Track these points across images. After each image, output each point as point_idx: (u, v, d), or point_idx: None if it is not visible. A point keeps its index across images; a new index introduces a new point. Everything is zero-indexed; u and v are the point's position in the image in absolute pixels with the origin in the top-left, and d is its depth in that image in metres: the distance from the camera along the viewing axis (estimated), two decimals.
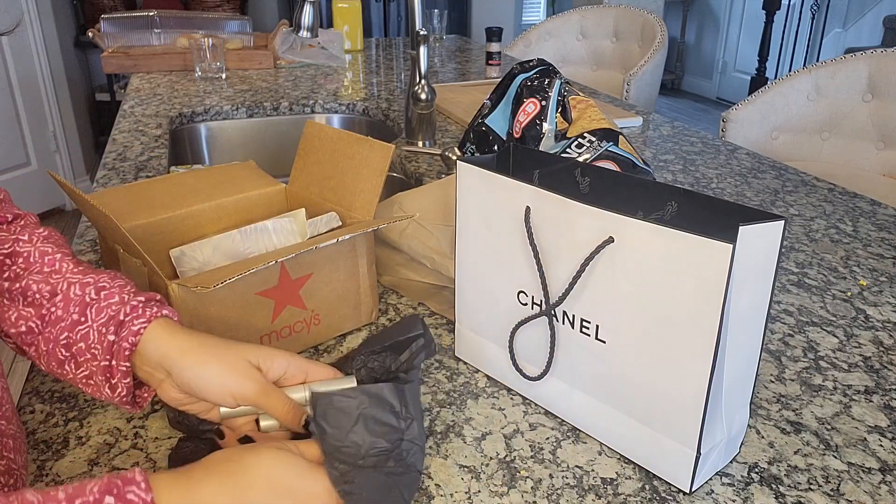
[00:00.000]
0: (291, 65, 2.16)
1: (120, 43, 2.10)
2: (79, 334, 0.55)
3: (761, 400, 0.68)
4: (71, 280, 0.57)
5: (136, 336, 0.54)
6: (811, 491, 0.57)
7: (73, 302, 0.56)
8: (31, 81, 3.32)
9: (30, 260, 0.58)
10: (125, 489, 0.40)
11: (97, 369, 0.54)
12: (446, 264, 0.77)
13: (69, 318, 0.55)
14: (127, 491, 0.40)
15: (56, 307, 0.56)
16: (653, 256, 0.53)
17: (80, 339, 0.55)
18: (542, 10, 6.27)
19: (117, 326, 0.54)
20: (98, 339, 0.54)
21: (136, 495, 0.40)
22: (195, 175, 0.86)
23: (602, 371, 0.59)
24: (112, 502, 0.39)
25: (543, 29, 2.56)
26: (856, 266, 0.95)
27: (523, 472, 0.59)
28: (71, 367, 0.55)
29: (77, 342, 0.55)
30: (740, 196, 1.19)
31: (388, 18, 4.13)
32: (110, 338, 0.54)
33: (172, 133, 1.58)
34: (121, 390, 0.54)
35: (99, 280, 0.57)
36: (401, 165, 1.34)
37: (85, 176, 3.72)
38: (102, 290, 0.56)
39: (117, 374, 0.54)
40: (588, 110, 1.01)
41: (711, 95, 5.83)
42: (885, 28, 4.52)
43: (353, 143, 0.77)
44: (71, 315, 0.55)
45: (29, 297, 0.57)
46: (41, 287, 0.57)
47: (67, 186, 0.64)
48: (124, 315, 0.54)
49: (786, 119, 1.77)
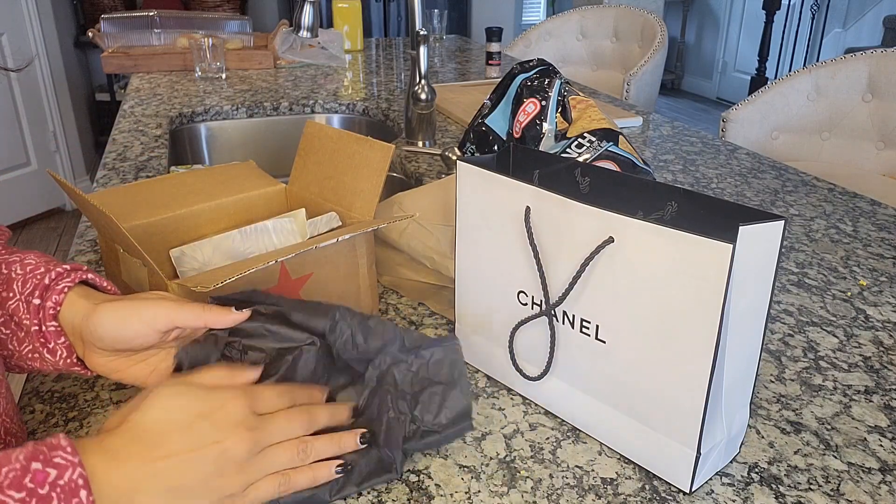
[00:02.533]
0: (291, 65, 2.16)
1: (120, 43, 2.10)
2: (10, 309, 0.56)
3: (761, 400, 0.68)
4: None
5: (60, 295, 0.54)
6: (811, 491, 0.57)
7: (1, 280, 0.57)
8: (31, 81, 3.32)
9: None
10: (51, 454, 0.40)
11: (32, 337, 0.55)
12: (446, 264, 0.77)
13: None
14: (53, 456, 0.40)
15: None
16: (653, 256, 0.53)
17: (12, 314, 0.56)
18: (542, 10, 6.27)
19: (42, 290, 0.55)
20: (26, 307, 0.55)
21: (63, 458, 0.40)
22: (195, 175, 0.86)
23: (602, 371, 0.59)
24: (39, 467, 0.39)
25: (543, 29, 2.56)
26: (856, 266, 0.95)
27: (523, 472, 0.59)
28: (15, 346, 0.56)
29: (11, 317, 0.56)
30: (740, 196, 1.19)
31: (388, 18, 4.13)
32: (35, 302, 0.54)
33: (172, 133, 1.58)
34: (60, 353, 0.55)
35: (25, 258, 0.58)
36: (401, 165, 1.34)
37: (85, 176, 3.72)
38: (28, 265, 0.57)
39: (50, 337, 0.54)
40: (588, 110, 1.01)
41: (711, 95, 5.84)
42: (885, 28, 4.53)
43: (353, 143, 0.77)
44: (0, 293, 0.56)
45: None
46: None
47: (67, 186, 0.64)
48: (49, 280, 0.55)
49: (786, 119, 1.77)
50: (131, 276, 0.69)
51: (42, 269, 0.56)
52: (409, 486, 0.57)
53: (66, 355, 0.55)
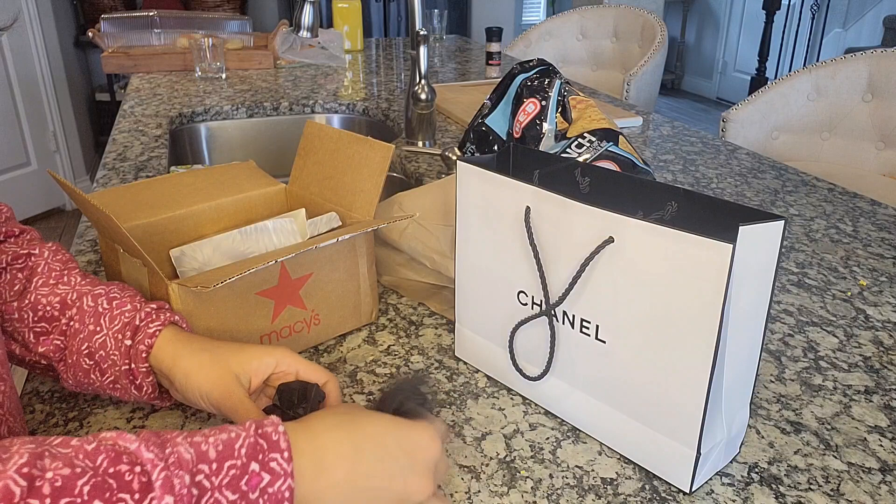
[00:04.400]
0: (291, 65, 2.16)
1: (120, 43, 2.10)
2: (97, 343, 0.58)
3: (761, 400, 0.68)
4: (81, 291, 0.61)
5: (152, 338, 0.57)
6: (811, 491, 0.57)
7: (87, 313, 0.59)
8: (31, 81, 3.32)
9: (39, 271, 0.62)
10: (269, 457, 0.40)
11: (120, 374, 0.58)
12: (446, 264, 0.77)
13: (86, 329, 0.59)
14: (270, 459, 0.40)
15: (73, 320, 0.59)
16: (653, 256, 0.53)
17: (99, 348, 0.59)
18: (542, 10, 6.27)
19: (133, 331, 0.58)
20: (115, 345, 0.58)
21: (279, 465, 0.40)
22: (195, 175, 0.86)
23: (602, 371, 0.59)
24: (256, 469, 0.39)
25: (543, 29, 2.56)
26: (856, 266, 0.95)
27: (523, 472, 0.59)
28: (97, 375, 0.59)
29: (97, 350, 0.58)
30: (740, 196, 1.19)
31: (388, 18, 4.13)
32: (127, 342, 0.58)
33: (172, 133, 1.58)
34: (147, 389, 0.58)
35: (109, 291, 0.61)
36: (401, 165, 1.34)
37: (85, 176, 3.72)
38: (114, 299, 0.60)
39: (139, 375, 0.58)
40: (588, 110, 1.01)
41: (711, 95, 5.84)
42: (885, 28, 4.53)
43: (353, 143, 0.77)
44: (87, 326, 0.59)
45: (40, 311, 0.60)
46: (50, 300, 0.60)
47: (67, 186, 0.64)
48: (139, 320, 0.58)
49: (786, 119, 1.77)
50: (131, 276, 0.69)
51: (128, 305, 0.59)
52: None
53: (150, 391, 0.59)
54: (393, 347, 0.76)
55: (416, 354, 0.74)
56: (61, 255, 0.64)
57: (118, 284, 0.62)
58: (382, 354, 0.74)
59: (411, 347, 0.76)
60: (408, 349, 0.75)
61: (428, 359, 0.74)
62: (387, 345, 0.76)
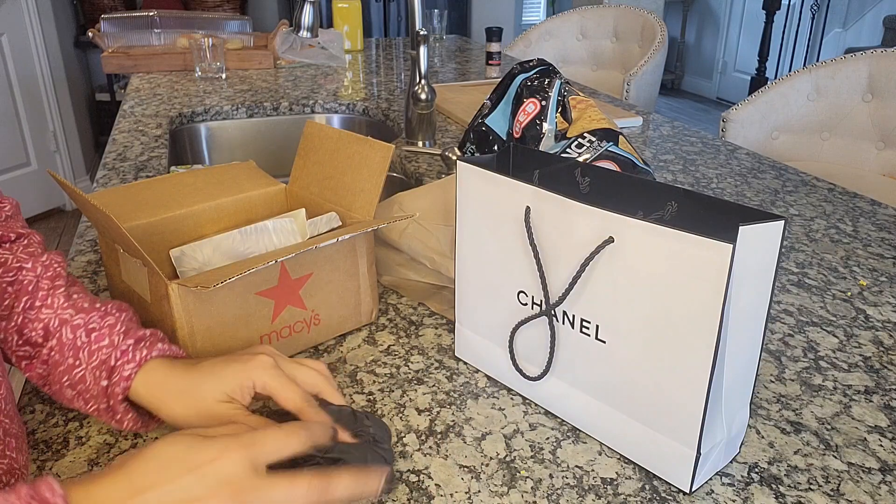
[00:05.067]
0: (291, 65, 2.16)
1: (120, 43, 2.10)
2: (77, 377, 0.58)
3: (761, 400, 0.68)
4: (62, 318, 0.59)
5: (128, 381, 0.56)
6: (811, 491, 0.57)
7: (66, 346, 0.58)
8: (31, 81, 3.32)
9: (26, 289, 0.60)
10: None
11: (100, 410, 0.58)
12: (446, 264, 0.77)
13: (65, 362, 0.58)
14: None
15: (53, 350, 0.58)
16: (653, 256, 0.53)
17: (78, 381, 0.58)
18: (542, 10, 6.27)
19: (109, 372, 0.57)
20: (93, 382, 0.57)
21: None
22: (195, 175, 0.86)
23: (602, 371, 0.59)
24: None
25: (543, 29, 2.56)
26: (856, 266, 0.95)
27: (523, 472, 0.59)
28: (80, 404, 0.58)
29: (77, 383, 0.58)
30: (740, 196, 1.19)
31: (388, 18, 4.13)
32: (103, 383, 0.56)
33: (172, 133, 1.58)
34: (128, 423, 0.58)
35: (89, 321, 0.59)
36: (401, 165, 1.34)
37: (85, 176, 3.72)
38: (92, 332, 0.58)
39: (119, 411, 0.57)
40: (588, 110, 1.01)
41: (711, 95, 5.84)
42: (885, 28, 4.53)
43: (353, 143, 0.77)
44: (66, 359, 0.58)
45: (24, 335, 0.59)
46: (35, 325, 0.59)
47: (67, 186, 0.64)
48: (115, 360, 0.57)
49: (786, 119, 1.77)
50: (131, 276, 0.69)
51: (106, 340, 0.58)
52: (409, 486, 0.57)
53: (131, 425, 0.58)
54: (393, 347, 0.76)
55: (416, 354, 0.74)
56: (52, 271, 0.62)
57: (100, 310, 0.60)
58: (382, 354, 0.74)
59: (411, 347, 0.76)
60: (408, 349, 0.75)
61: (428, 359, 0.74)
62: (387, 345, 0.76)
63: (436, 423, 0.64)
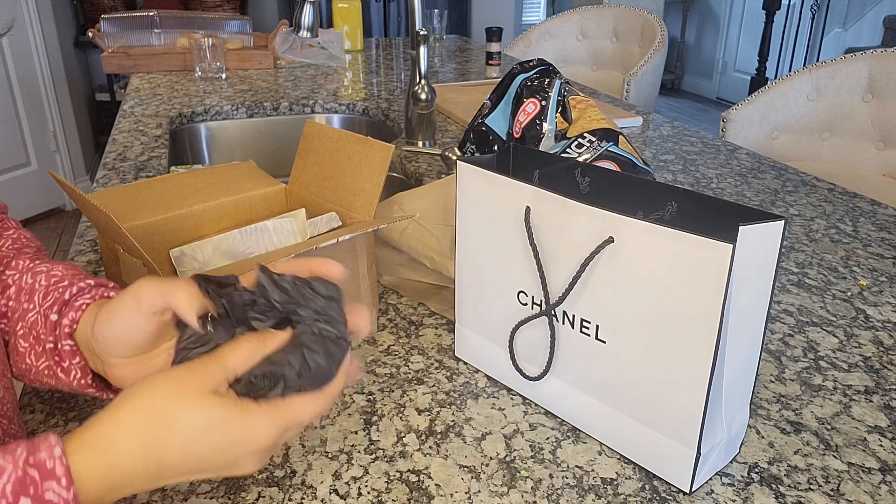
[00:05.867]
0: (291, 65, 2.16)
1: (120, 43, 2.10)
2: (29, 321, 0.53)
3: (761, 400, 0.68)
4: (23, 268, 0.56)
5: (78, 312, 0.51)
6: (811, 491, 0.57)
7: (24, 290, 0.54)
8: (31, 81, 3.32)
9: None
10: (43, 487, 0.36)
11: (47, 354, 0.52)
12: (446, 264, 0.77)
13: (20, 307, 0.54)
14: (45, 490, 0.36)
15: (10, 299, 0.54)
16: (653, 256, 0.53)
17: (31, 327, 0.52)
18: (542, 10, 6.27)
19: (61, 306, 0.52)
20: (44, 321, 0.52)
21: (56, 494, 0.36)
22: (195, 175, 0.86)
23: (602, 371, 0.59)
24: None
25: (543, 29, 2.56)
26: (856, 266, 0.95)
27: (523, 472, 0.59)
28: (32, 360, 0.53)
29: (30, 331, 0.53)
30: (740, 196, 1.19)
31: (388, 18, 4.13)
32: (53, 318, 0.51)
33: (172, 133, 1.58)
34: (75, 373, 0.51)
35: (52, 269, 0.55)
36: (401, 165, 1.34)
37: (85, 176, 3.72)
38: (53, 277, 0.54)
39: (65, 355, 0.51)
40: (588, 110, 1.01)
41: (711, 95, 5.84)
42: (885, 28, 4.53)
43: (353, 143, 0.77)
44: (21, 304, 0.54)
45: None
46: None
47: (67, 186, 0.64)
48: (70, 295, 0.52)
49: (786, 119, 1.77)
50: (131, 276, 0.69)
51: (66, 282, 0.53)
52: (409, 486, 0.57)
53: (80, 376, 0.52)
54: (393, 347, 0.76)
55: (416, 354, 0.74)
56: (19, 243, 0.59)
57: (68, 265, 0.56)
58: (382, 354, 0.74)
59: (411, 347, 0.76)
60: (408, 349, 0.75)
61: (428, 359, 0.74)
62: (387, 345, 0.76)
63: (436, 423, 0.64)
